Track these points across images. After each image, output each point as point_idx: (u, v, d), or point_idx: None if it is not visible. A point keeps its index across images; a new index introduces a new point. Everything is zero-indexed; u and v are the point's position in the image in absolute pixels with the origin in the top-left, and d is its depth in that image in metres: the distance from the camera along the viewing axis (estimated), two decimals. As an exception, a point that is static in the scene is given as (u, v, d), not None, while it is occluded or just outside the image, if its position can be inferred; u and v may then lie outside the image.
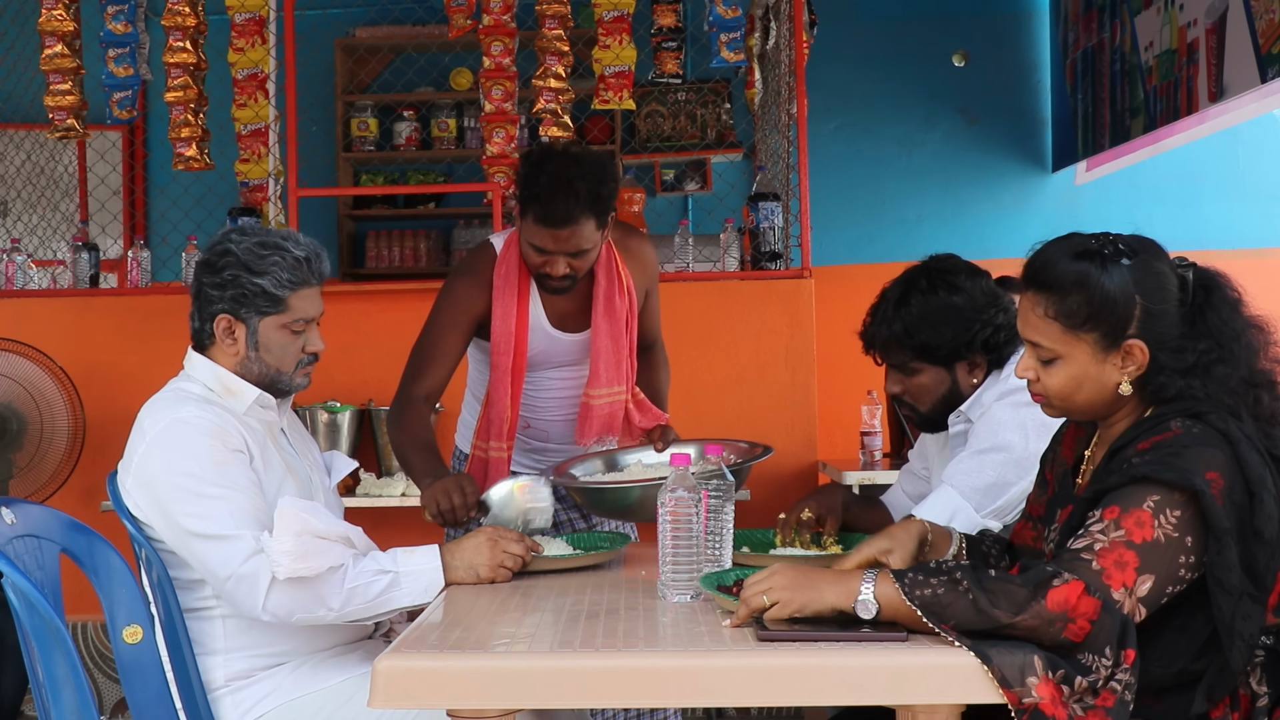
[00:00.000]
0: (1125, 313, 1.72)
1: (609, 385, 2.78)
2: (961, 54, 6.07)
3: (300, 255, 2.23)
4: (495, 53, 4.39)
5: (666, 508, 1.94)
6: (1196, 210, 5.90)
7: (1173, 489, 1.63)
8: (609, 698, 1.64)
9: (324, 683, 2.17)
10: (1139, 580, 1.60)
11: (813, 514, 2.39)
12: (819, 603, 1.66)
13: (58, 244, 5.71)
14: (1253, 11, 4.00)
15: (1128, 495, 1.64)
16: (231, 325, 2.22)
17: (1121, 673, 1.56)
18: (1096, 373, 1.76)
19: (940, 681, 1.56)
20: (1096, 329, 1.74)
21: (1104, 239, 1.77)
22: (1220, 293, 1.77)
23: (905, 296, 2.34)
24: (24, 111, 5.61)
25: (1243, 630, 1.61)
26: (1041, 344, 1.78)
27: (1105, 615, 1.57)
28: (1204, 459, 1.64)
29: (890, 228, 6.00)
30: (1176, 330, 1.74)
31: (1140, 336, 1.73)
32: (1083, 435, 1.92)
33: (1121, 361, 1.75)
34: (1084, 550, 1.62)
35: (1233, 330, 1.75)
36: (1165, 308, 1.74)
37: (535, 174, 2.58)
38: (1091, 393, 1.78)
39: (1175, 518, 1.62)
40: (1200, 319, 1.75)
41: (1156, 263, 1.76)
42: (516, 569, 2.19)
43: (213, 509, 2.08)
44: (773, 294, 4.23)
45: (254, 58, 4.48)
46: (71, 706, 1.93)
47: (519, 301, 2.73)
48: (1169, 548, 1.62)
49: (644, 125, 6.11)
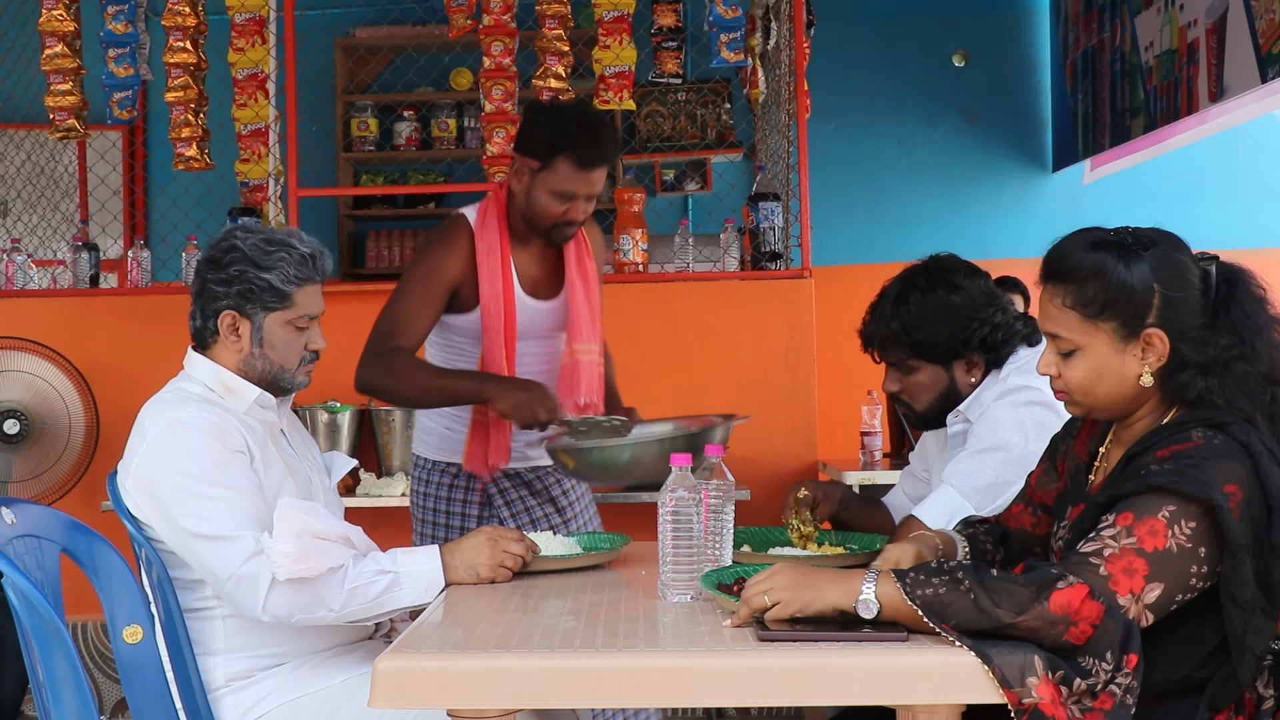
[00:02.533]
0: (1144, 301, 1.71)
1: (589, 341, 2.83)
2: (961, 54, 6.07)
3: (306, 252, 2.25)
4: (495, 53, 4.39)
5: (666, 508, 1.94)
6: (1196, 210, 5.90)
7: (1190, 501, 1.61)
8: (609, 698, 1.64)
9: (324, 683, 2.17)
10: (1147, 587, 1.59)
11: (810, 493, 2.40)
12: (820, 602, 1.66)
13: (58, 244, 5.72)
14: (1253, 11, 4.00)
15: (1143, 503, 1.63)
16: (236, 321, 2.22)
17: (1122, 676, 1.55)
18: (1116, 364, 1.74)
19: (940, 681, 1.56)
20: (1115, 317, 1.72)
21: (1122, 231, 1.76)
22: (1244, 287, 1.74)
23: (904, 294, 2.34)
24: (24, 111, 5.61)
25: (1254, 645, 1.59)
26: (1060, 335, 1.77)
27: (1108, 620, 1.56)
28: (1224, 472, 1.62)
29: (890, 228, 6.00)
30: (1198, 321, 1.71)
31: (1160, 326, 1.71)
32: (1097, 431, 1.90)
33: (1142, 352, 1.72)
34: (1093, 555, 1.61)
35: (1255, 325, 1.72)
36: (1186, 296, 1.72)
37: (566, 123, 2.69)
38: (1112, 385, 1.75)
39: (1190, 529, 1.61)
40: (1224, 313, 1.72)
41: (1176, 253, 1.74)
42: (517, 568, 2.19)
43: (213, 510, 2.08)
44: (773, 294, 4.23)
45: (254, 58, 4.49)
46: (71, 706, 1.93)
47: (503, 268, 2.77)
48: (1180, 558, 1.60)
49: (644, 125, 6.11)
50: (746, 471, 4.02)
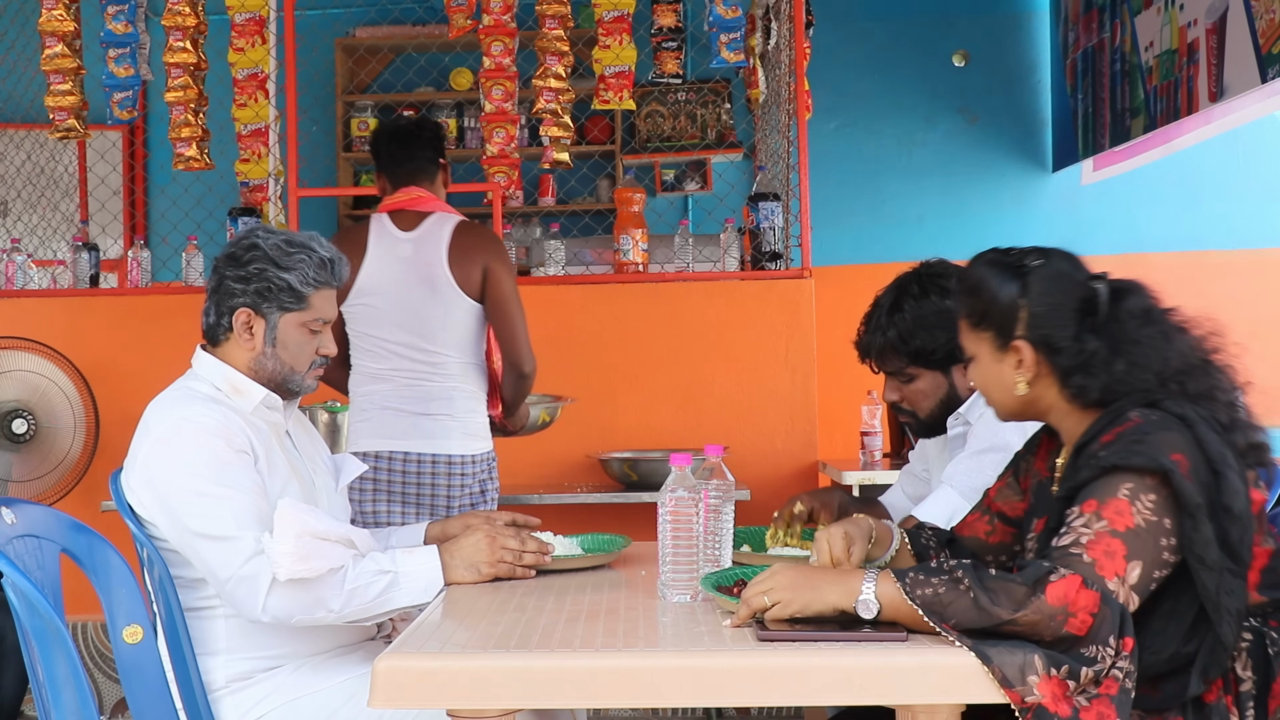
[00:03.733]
0: (1010, 313, 1.84)
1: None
2: (961, 54, 6.07)
3: (326, 256, 2.27)
4: (495, 53, 4.39)
5: (666, 508, 1.94)
6: (1197, 210, 5.90)
7: (1143, 473, 1.67)
8: (609, 698, 1.64)
9: (324, 683, 2.17)
10: (1129, 568, 1.63)
11: (805, 508, 2.40)
12: (820, 602, 1.67)
13: (58, 244, 5.72)
14: (1253, 11, 4.00)
15: (1102, 487, 1.68)
16: (250, 320, 2.23)
17: (1122, 660, 1.58)
18: (997, 372, 1.88)
19: (940, 681, 1.56)
20: (990, 327, 1.87)
21: (1016, 251, 1.89)
22: (1133, 300, 1.83)
23: (898, 302, 2.35)
24: (24, 111, 5.61)
25: (1229, 605, 1.65)
26: (964, 344, 1.93)
27: (1104, 606, 1.59)
28: (1167, 442, 1.69)
29: (890, 228, 6.00)
30: (1069, 333, 1.81)
31: (1027, 338, 1.83)
32: (1054, 447, 1.96)
33: (1016, 363, 1.85)
34: (1072, 545, 1.64)
35: (1131, 337, 1.80)
36: (1056, 311, 1.82)
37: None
38: (999, 393, 1.90)
39: (1151, 502, 1.66)
40: (1113, 324, 1.81)
41: (1056, 270, 1.85)
42: (517, 562, 2.20)
43: (216, 509, 2.08)
44: (773, 294, 4.23)
45: (254, 58, 4.49)
46: (71, 707, 1.93)
47: None
48: (1150, 532, 1.65)
49: (644, 125, 6.11)
50: (746, 471, 4.03)
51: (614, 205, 4.55)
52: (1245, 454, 1.75)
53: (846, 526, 1.92)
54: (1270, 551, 1.75)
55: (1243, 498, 1.68)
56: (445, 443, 3.15)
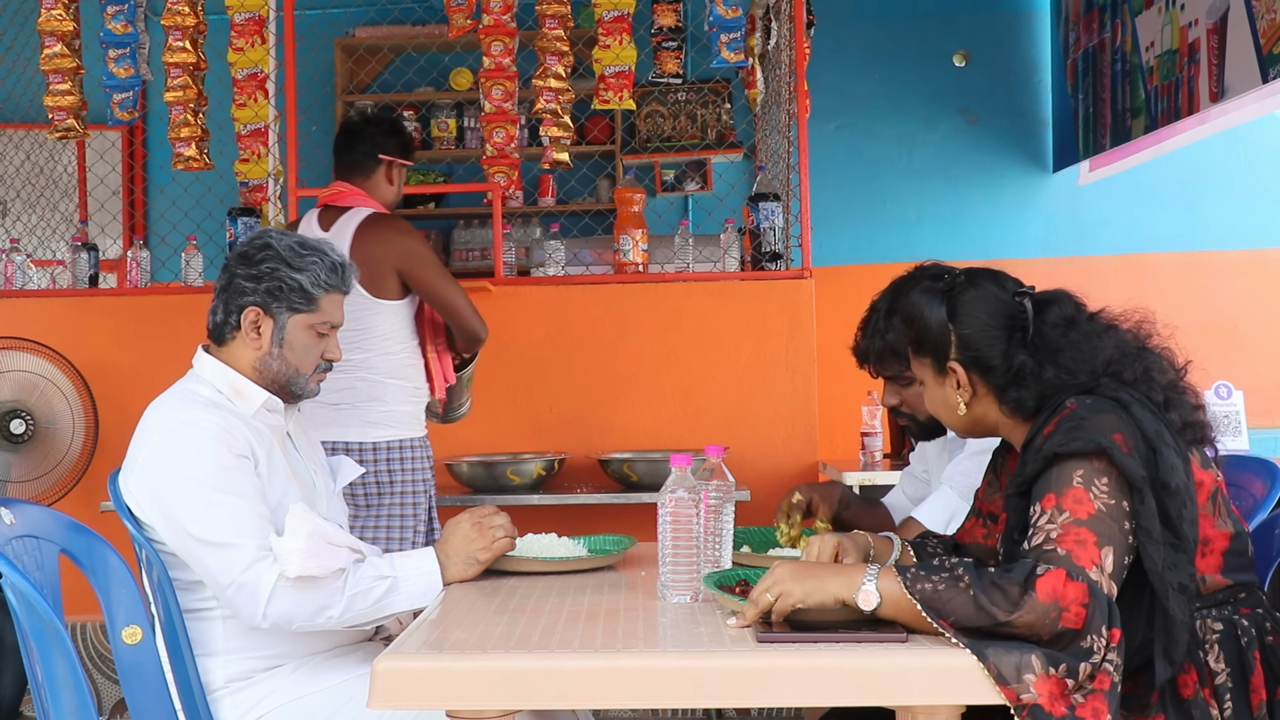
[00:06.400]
0: (943, 339, 1.91)
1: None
2: (962, 54, 6.07)
3: (337, 260, 2.29)
4: (495, 53, 4.39)
5: (666, 509, 1.93)
6: (1197, 210, 5.89)
7: (1089, 456, 1.70)
8: (609, 698, 1.64)
9: (323, 684, 2.17)
10: (1103, 554, 1.64)
11: (804, 497, 2.39)
12: (822, 592, 1.67)
13: (57, 244, 5.72)
14: (1254, 12, 4.00)
15: (1054, 479, 1.70)
16: (259, 319, 2.23)
17: (1112, 652, 1.58)
18: (941, 395, 1.95)
19: (940, 681, 1.56)
20: (928, 354, 1.94)
21: (945, 274, 1.98)
22: (1055, 309, 1.88)
23: (894, 306, 2.34)
24: (24, 111, 5.61)
25: (1172, 580, 1.66)
26: (914, 371, 2.00)
27: (1093, 598, 1.59)
28: (1106, 424, 1.72)
29: (890, 228, 5.99)
30: (999, 351, 1.87)
31: (960, 360, 1.90)
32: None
33: (955, 384, 1.92)
34: (1044, 543, 1.65)
35: (1057, 345, 1.85)
36: (981, 333, 1.88)
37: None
38: (947, 414, 1.97)
39: (1105, 485, 1.68)
40: (1037, 336, 1.86)
41: (981, 292, 1.90)
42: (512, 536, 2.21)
43: (216, 516, 2.07)
44: (773, 294, 4.23)
45: (254, 58, 4.48)
46: (71, 707, 1.92)
47: None
48: (1111, 516, 1.67)
49: (644, 125, 6.10)
50: (746, 472, 4.03)
51: (614, 205, 4.54)
52: (1182, 431, 1.79)
53: (843, 539, 1.94)
54: (1229, 534, 1.78)
55: (1180, 473, 1.71)
56: (344, 430, 3.17)
